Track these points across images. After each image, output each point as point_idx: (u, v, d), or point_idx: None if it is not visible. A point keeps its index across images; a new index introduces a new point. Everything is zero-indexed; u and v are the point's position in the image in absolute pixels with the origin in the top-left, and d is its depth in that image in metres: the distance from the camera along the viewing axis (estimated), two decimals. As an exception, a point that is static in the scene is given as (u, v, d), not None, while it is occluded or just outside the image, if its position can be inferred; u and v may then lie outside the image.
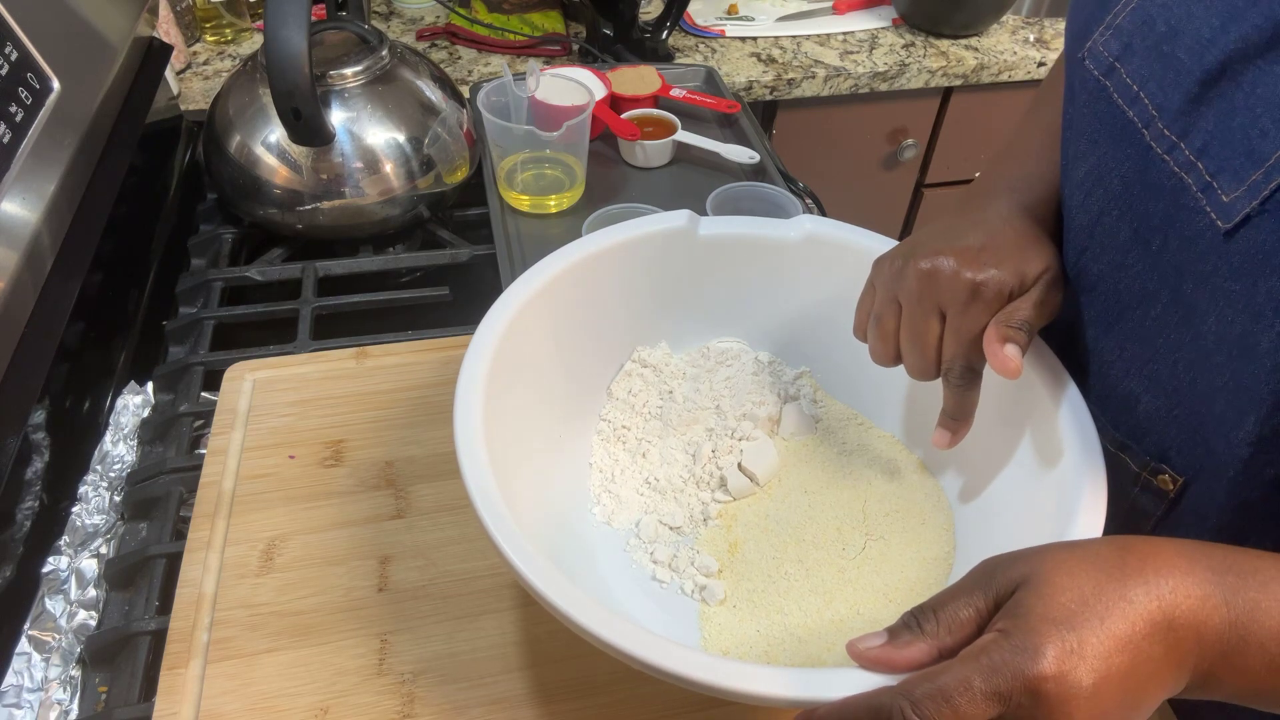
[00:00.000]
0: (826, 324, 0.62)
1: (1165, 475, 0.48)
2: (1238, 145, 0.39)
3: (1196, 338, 0.44)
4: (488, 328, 0.51)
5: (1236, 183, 0.39)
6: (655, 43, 1.18)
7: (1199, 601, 0.34)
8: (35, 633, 0.55)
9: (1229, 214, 0.39)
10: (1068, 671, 0.32)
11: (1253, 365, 0.40)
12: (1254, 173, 0.38)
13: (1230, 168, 0.39)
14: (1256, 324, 0.39)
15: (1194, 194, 0.41)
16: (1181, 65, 0.41)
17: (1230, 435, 0.43)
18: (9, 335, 0.54)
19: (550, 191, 0.89)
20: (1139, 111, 0.44)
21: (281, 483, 0.61)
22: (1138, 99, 0.44)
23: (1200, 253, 0.41)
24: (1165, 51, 0.42)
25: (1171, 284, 0.44)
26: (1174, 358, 0.46)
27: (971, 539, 0.54)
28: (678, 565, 0.54)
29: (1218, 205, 0.40)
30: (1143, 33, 0.44)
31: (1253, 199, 0.38)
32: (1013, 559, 0.36)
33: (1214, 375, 0.43)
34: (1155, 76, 0.43)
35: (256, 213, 0.82)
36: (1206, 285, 0.42)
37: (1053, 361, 0.50)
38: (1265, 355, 0.39)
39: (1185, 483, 0.47)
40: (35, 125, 0.59)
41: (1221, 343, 0.42)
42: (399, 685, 0.51)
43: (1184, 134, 0.41)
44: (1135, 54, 0.44)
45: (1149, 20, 0.43)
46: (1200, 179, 0.41)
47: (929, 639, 0.36)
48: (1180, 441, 0.47)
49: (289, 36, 0.68)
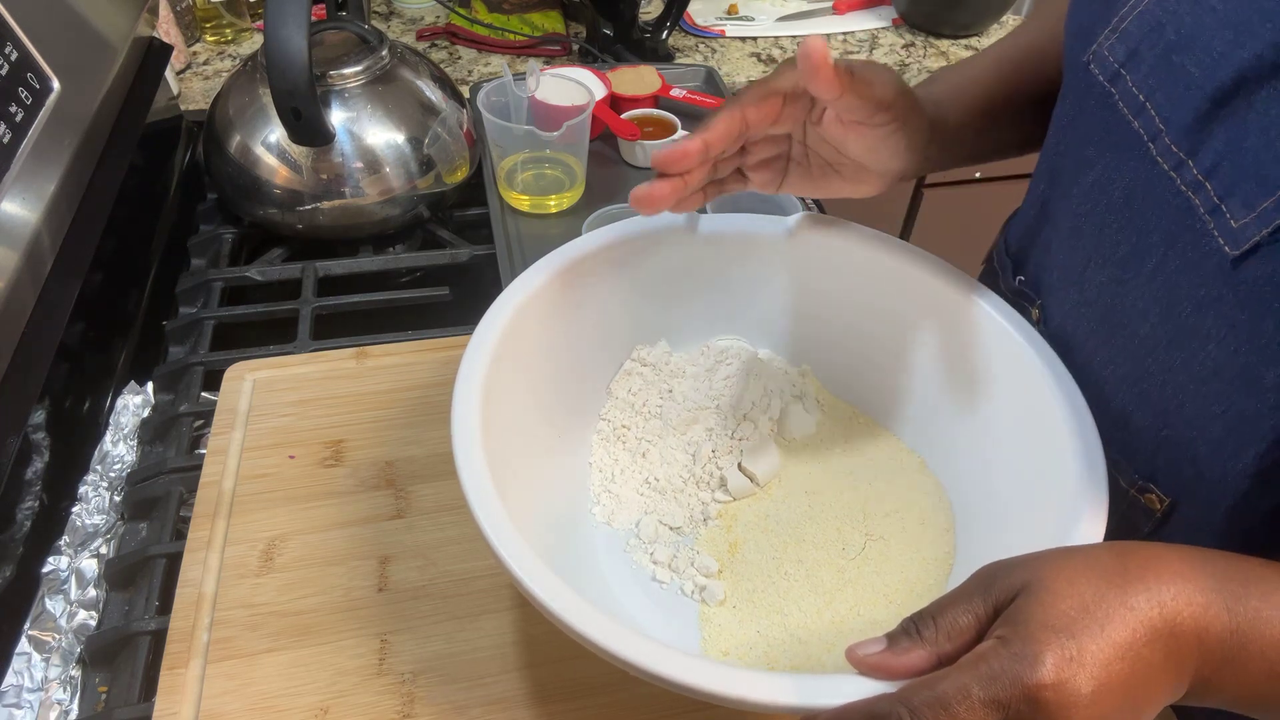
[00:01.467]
0: (827, 322, 0.62)
1: (1153, 495, 0.47)
2: (1249, 169, 0.38)
3: (1189, 362, 0.43)
4: (487, 327, 0.51)
5: (1247, 209, 0.38)
6: (655, 43, 1.18)
7: (1201, 609, 0.34)
8: (35, 633, 0.55)
9: (1238, 240, 0.38)
10: (1067, 680, 0.31)
11: (1255, 398, 0.39)
12: (1266, 200, 0.37)
13: (1240, 192, 0.38)
14: (1262, 356, 0.38)
15: (1200, 215, 0.40)
16: (1191, 79, 0.40)
17: (1227, 465, 0.42)
18: (9, 335, 0.54)
19: (550, 191, 0.89)
20: (1145, 123, 0.43)
21: (281, 483, 0.61)
22: (1144, 110, 0.43)
23: (1203, 277, 0.41)
24: (1175, 62, 0.41)
25: (1164, 304, 0.44)
26: (1163, 379, 0.45)
27: (972, 540, 0.54)
28: (678, 565, 0.54)
29: (1226, 230, 0.39)
30: (1150, 39, 0.42)
31: (1263, 227, 0.37)
32: (1013, 565, 0.36)
33: (1209, 402, 0.42)
34: (1163, 87, 0.42)
35: (256, 213, 0.82)
36: (1209, 311, 0.41)
37: (1058, 367, 0.50)
38: (1270, 390, 0.39)
39: (1172, 503, 0.47)
40: (35, 125, 0.59)
41: (1220, 371, 0.41)
42: (399, 685, 0.51)
43: (1192, 151, 0.40)
44: (1143, 61, 0.43)
45: (1157, 26, 0.42)
46: (1208, 200, 0.40)
47: (928, 645, 0.36)
48: (1168, 463, 0.46)
49: (289, 36, 0.68)
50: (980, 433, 0.54)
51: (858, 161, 0.49)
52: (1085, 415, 0.47)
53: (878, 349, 0.61)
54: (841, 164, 0.50)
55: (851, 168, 0.50)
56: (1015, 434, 0.52)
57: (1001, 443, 0.53)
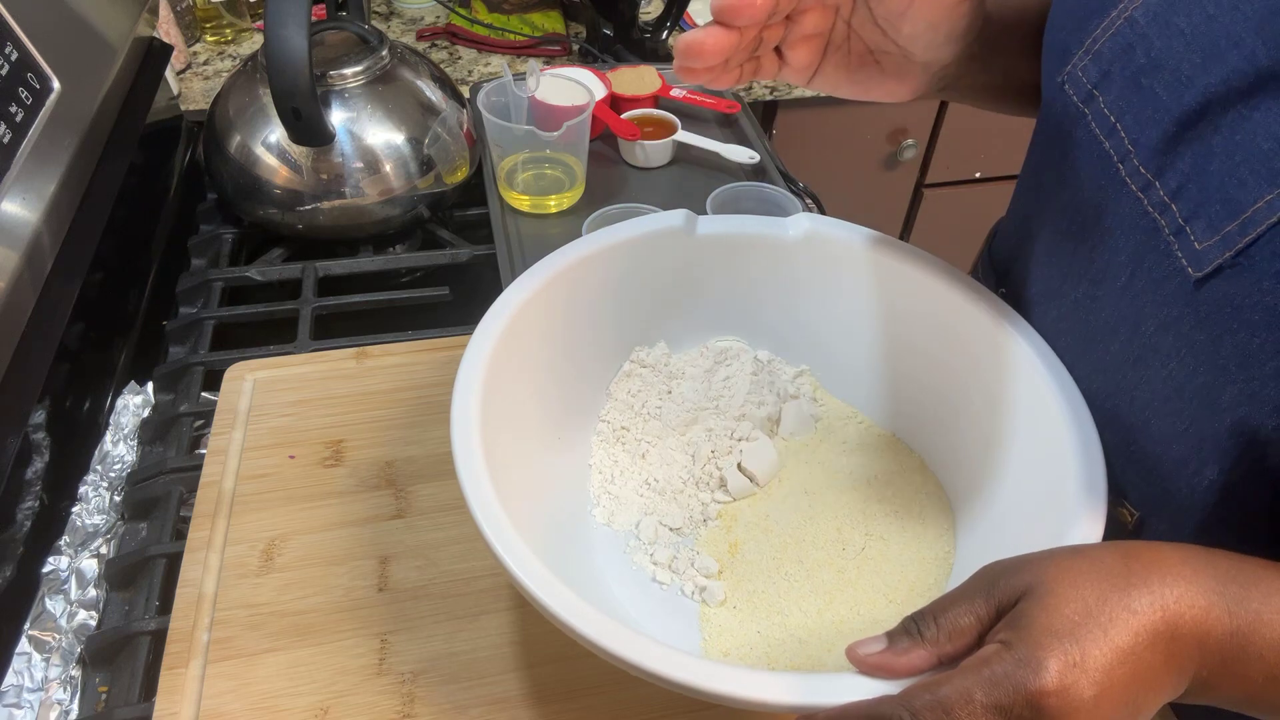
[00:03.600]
0: (826, 323, 0.62)
1: (1125, 509, 0.48)
2: (1214, 192, 0.38)
3: (1151, 380, 0.43)
4: (486, 328, 0.51)
5: (1211, 231, 0.38)
6: (655, 43, 1.18)
7: (1203, 611, 0.34)
8: (35, 633, 0.55)
9: (1201, 262, 0.39)
10: (1070, 685, 0.31)
11: (1214, 418, 0.40)
12: (1229, 223, 0.37)
13: (1205, 214, 0.38)
14: (1220, 377, 0.39)
15: (1166, 236, 0.40)
16: (1159, 101, 0.40)
17: (1191, 482, 0.42)
18: (9, 335, 0.54)
19: (550, 191, 0.89)
20: (1115, 144, 0.43)
21: (281, 483, 0.61)
22: (1114, 131, 0.43)
23: (1166, 296, 0.41)
24: (1144, 85, 0.41)
25: (1132, 322, 0.44)
26: (1131, 396, 0.45)
27: (972, 540, 0.54)
28: (678, 566, 0.54)
29: (1190, 252, 0.39)
30: (1122, 61, 0.43)
31: (1226, 249, 0.37)
32: (1015, 566, 0.36)
33: (1172, 420, 0.43)
34: (1132, 110, 0.42)
35: (256, 213, 0.82)
36: (1170, 331, 0.41)
37: (1057, 366, 0.50)
38: (1226, 410, 0.39)
39: (1142, 518, 0.47)
40: (35, 125, 0.59)
41: (1182, 390, 0.41)
42: (399, 685, 0.51)
43: (1159, 173, 0.41)
44: (1114, 83, 0.43)
45: (1129, 48, 0.42)
46: (1174, 221, 0.40)
47: (929, 645, 0.36)
48: (1138, 478, 0.47)
49: (289, 36, 0.68)
50: (980, 432, 0.54)
51: (904, 49, 0.46)
52: (1084, 415, 0.47)
53: (877, 350, 0.61)
54: (885, 52, 0.47)
55: (895, 58, 0.47)
56: (1015, 433, 0.52)
57: (1001, 442, 0.53)
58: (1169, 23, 0.40)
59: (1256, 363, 0.37)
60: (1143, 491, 0.47)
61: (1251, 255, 0.36)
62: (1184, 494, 0.43)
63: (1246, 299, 0.37)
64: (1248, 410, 0.38)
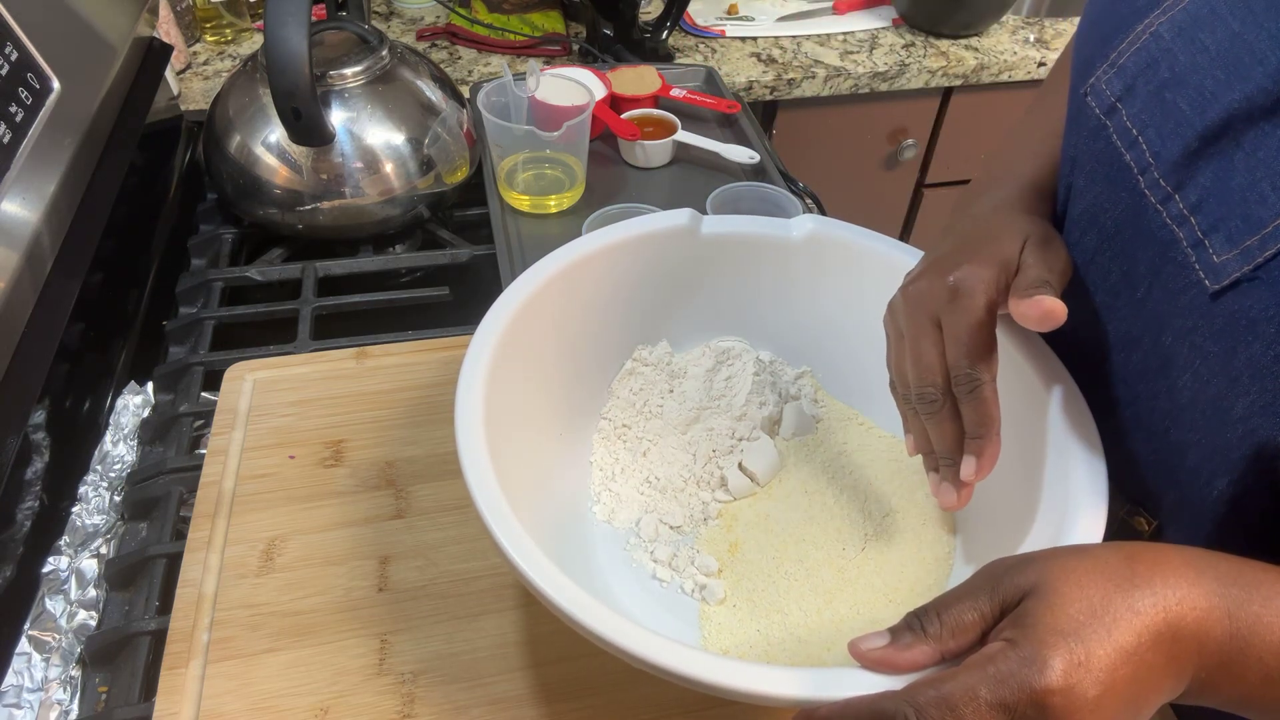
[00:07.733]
0: (827, 324, 0.62)
1: (1141, 518, 0.48)
2: (1234, 207, 0.38)
3: (1171, 390, 0.43)
4: (488, 327, 0.51)
5: (1229, 245, 0.38)
6: (655, 43, 1.18)
7: (1204, 613, 0.34)
8: (35, 633, 0.55)
9: (1219, 275, 0.39)
10: (1074, 684, 0.32)
11: (1226, 429, 0.40)
12: (1249, 238, 0.37)
13: (1224, 228, 0.39)
14: (1232, 388, 0.39)
15: (1184, 248, 0.41)
16: (1182, 115, 0.41)
17: (1204, 491, 0.43)
18: (9, 335, 0.54)
19: (550, 191, 0.89)
20: (1136, 156, 0.43)
21: (281, 483, 0.61)
22: (1136, 143, 0.43)
23: (1182, 308, 0.41)
24: (1167, 99, 0.42)
25: (1153, 332, 0.44)
26: (1150, 405, 0.45)
27: (972, 540, 0.54)
28: (678, 564, 0.54)
29: (1208, 265, 0.39)
30: (1146, 75, 0.43)
31: (1245, 264, 0.38)
32: (1020, 564, 0.36)
33: (1186, 429, 0.43)
34: (1155, 123, 0.42)
35: (256, 213, 0.82)
36: (1185, 341, 0.42)
37: (1058, 368, 0.50)
38: (1238, 421, 0.39)
39: (1159, 526, 0.47)
40: (35, 125, 0.59)
41: (1195, 400, 0.42)
42: (399, 685, 0.51)
43: (1179, 186, 0.41)
44: (1137, 96, 0.43)
45: (1153, 63, 0.43)
46: (1192, 234, 0.40)
47: (931, 641, 0.36)
48: (1154, 487, 0.47)
49: (289, 36, 0.68)
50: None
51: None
52: (1085, 415, 0.47)
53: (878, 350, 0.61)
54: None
55: None
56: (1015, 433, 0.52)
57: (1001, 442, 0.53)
58: (1194, 38, 0.41)
59: (1270, 375, 0.37)
60: (1159, 501, 0.47)
61: (1270, 270, 0.37)
62: (1197, 502, 0.43)
63: (1262, 313, 0.37)
64: (1259, 422, 0.38)
